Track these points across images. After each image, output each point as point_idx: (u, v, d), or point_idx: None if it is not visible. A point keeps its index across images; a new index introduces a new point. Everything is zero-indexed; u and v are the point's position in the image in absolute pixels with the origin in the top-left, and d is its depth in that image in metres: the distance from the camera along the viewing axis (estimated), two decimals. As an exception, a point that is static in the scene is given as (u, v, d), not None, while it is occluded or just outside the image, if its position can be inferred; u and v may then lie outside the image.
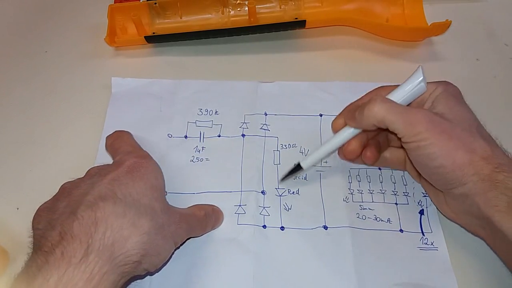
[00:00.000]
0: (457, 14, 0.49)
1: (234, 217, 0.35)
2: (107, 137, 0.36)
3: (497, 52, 0.47)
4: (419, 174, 0.35)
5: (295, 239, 0.34)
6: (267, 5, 0.47)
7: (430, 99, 0.32)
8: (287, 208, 0.35)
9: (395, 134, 0.30)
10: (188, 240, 0.33)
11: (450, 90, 0.32)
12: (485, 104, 0.35)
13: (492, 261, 0.33)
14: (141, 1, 0.46)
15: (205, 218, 0.33)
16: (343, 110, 0.35)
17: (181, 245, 0.32)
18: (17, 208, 0.36)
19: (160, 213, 0.28)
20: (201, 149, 0.39)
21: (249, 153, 0.38)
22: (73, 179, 0.30)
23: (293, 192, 0.36)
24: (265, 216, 0.35)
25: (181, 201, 0.35)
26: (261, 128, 0.40)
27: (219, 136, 0.39)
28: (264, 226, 0.34)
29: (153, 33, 0.46)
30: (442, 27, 0.43)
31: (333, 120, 0.35)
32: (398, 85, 0.32)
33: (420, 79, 0.31)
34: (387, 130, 0.31)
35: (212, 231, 0.34)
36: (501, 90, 0.44)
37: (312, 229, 0.34)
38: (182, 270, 0.32)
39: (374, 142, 0.35)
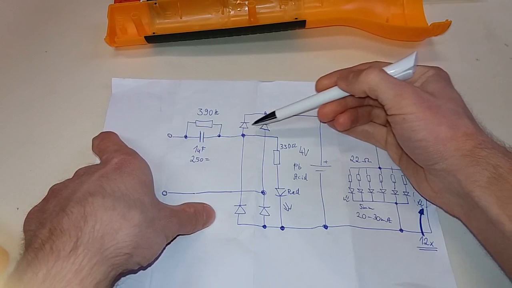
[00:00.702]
0: (457, 14, 0.49)
1: (234, 217, 0.35)
2: (93, 139, 0.36)
3: (497, 52, 0.47)
4: (399, 155, 0.36)
5: (295, 238, 0.34)
6: (267, 5, 0.47)
7: (421, 80, 0.33)
8: (287, 208, 0.35)
9: (383, 106, 0.32)
10: (189, 240, 0.33)
11: (441, 74, 0.33)
12: (485, 104, 0.35)
13: (491, 262, 0.32)
14: (141, 1, 0.46)
15: (194, 215, 0.33)
16: (332, 72, 0.36)
17: (171, 241, 0.32)
18: (17, 208, 0.36)
19: (150, 207, 0.28)
20: (201, 149, 0.39)
21: (249, 153, 0.38)
22: (61, 181, 0.30)
23: (293, 191, 0.36)
24: (265, 216, 0.35)
25: (181, 201, 0.35)
26: (261, 128, 0.40)
27: (219, 136, 0.39)
28: (264, 226, 0.34)
29: (153, 33, 0.46)
30: (442, 27, 0.43)
31: (319, 79, 0.37)
32: (389, 63, 0.34)
33: (411, 66, 0.32)
34: (375, 101, 0.32)
35: (213, 231, 0.34)
36: (501, 90, 0.44)
37: (312, 228, 0.34)
38: (182, 270, 0.32)
39: (351, 112, 0.36)
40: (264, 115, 0.39)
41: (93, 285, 0.24)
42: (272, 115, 0.38)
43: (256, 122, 0.39)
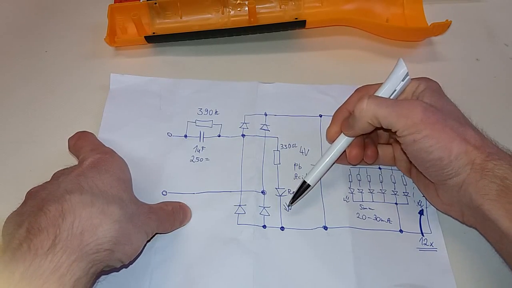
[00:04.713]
0: (457, 14, 0.49)
1: (234, 217, 0.35)
2: (69, 139, 0.36)
3: (497, 52, 0.47)
4: (409, 168, 0.36)
5: (295, 239, 0.34)
6: (267, 5, 0.47)
7: (414, 96, 0.33)
8: (287, 208, 0.35)
9: (389, 130, 0.31)
10: (189, 240, 0.33)
11: (432, 86, 0.32)
12: (485, 104, 0.35)
13: (491, 262, 0.33)
14: (141, 1, 0.46)
15: (172, 213, 0.33)
16: (333, 118, 0.35)
17: (150, 239, 0.32)
18: (17, 208, 0.35)
19: (129, 203, 0.29)
20: (201, 149, 0.39)
21: (249, 153, 0.38)
22: (40, 184, 0.30)
23: (293, 192, 0.36)
24: (265, 216, 0.35)
25: (181, 201, 0.35)
26: (261, 129, 0.40)
27: (219, 136, 0.39)
28: (264, 226, 0.34)
29: (153, 33, 0.46)
30: (442, 27, 0.43)
31: (328, 129, 0.35)
32: (381, 83, 0.32)
33: (404, 71, 0.31)
34: (381, 128, 0.31)
35: (213, 231, 0.34)
36: (501, 90, 0.44)
37: (312, 229, 0.34)
38: (182, 270, 0.32)
39: (370, 141, 0.35)
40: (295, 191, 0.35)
41: (72, 282, 0.24)
42: (304, 186, 0.34)
43: (293, 201, 0.35)
